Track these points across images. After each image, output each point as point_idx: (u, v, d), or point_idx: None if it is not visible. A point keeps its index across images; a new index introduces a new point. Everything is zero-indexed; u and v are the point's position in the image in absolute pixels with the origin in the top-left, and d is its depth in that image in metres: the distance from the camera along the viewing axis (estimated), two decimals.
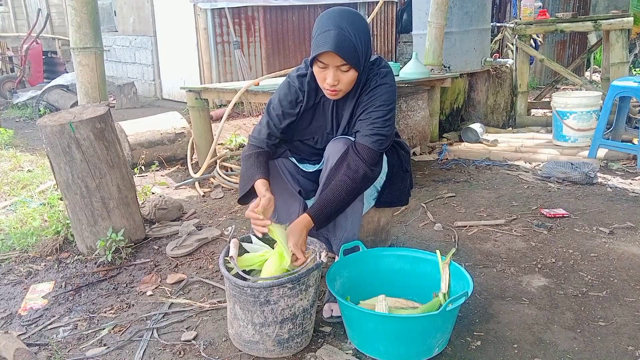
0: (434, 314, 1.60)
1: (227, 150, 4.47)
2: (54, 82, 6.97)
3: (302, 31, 7.26)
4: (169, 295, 2.18)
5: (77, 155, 2.39)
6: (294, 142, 2.02)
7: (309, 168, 2.06)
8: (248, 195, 1.93)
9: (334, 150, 1.88)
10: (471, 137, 4.48)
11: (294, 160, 2.05)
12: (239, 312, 1.70)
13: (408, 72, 4.04)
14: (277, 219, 1.96)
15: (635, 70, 7.66)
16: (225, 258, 1.77)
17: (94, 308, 2.13)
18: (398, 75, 4.01)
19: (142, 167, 3.89)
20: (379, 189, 2.09)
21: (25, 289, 2.31)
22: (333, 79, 1.74)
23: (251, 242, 1.91)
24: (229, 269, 1.73)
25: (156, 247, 2.65)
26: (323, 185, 1.90)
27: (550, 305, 2.00)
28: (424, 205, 3.10)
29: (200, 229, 2.83)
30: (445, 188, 3.41)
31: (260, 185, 1.85)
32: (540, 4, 5.25)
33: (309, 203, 2.15)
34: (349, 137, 1.90)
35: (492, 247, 2.53)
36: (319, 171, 2.06)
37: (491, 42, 5.50)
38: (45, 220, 2.94)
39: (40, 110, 6.55)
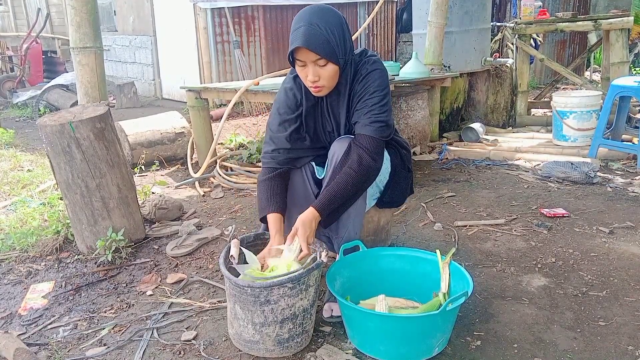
0: (434, 314, 1.60)
1: (227, 149, 4.46)
2: (53, 82, 6.97)
3: None
4: (169, 295, 2.18)
5: (77, 155, 2.39)
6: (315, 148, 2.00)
7: (321, 173, 2.05)
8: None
9: (339, 149, 1.87)
10: (471, 136, 4.48)
11: (312, 163, 2.04)
12: (239, 312, 1.70)
13: (408, 71, 4.04)
14: (292, 217, 1.96)
15: (635, 69, 7.66)
16: (232, 256, 1.77)
17: (94, 308, 2.13)
18: (398, 74, 4.01)
19: (142, 167, 3.89)
20: (382, 188, 2.08)
21: (25, 288, 2.31)
22: (313, 75, 1.75)
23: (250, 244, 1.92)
24: (229, 269, 1.73)
25: (156, 247, 2.65)
26: (329, 180, 1.90)
27: (550, 305, 2.00)
28: (424, 204, 3.10)
29: (200, 229, 2.83)
30: (445, 188, 3.41)
31: (272, 222, 1.84)
32: (540, 3, 5.25)
33: None
34: (353, 136, 1.89)
35: (492, 246, 2.53)
36: None
37: (491, 41, 5.50)
38: (45, 220, 2.94)
39: (40, 110, 6.55)
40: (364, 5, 7.84)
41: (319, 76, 1.75)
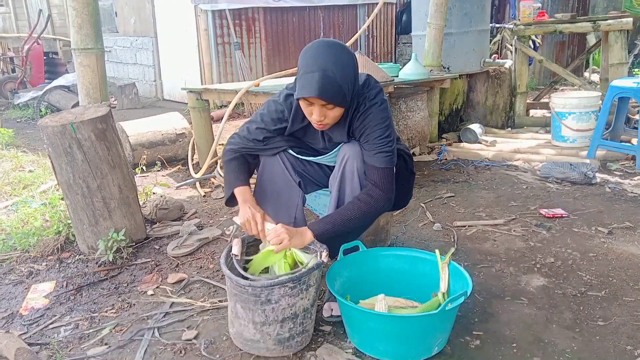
0: (433, 314, 1.61)
1: None
2: (55, 83, 6.98)
3: (302, 32, 7.28)
4: (170, 294, 2.19)
5: (78, 155, 2.40)
6: (291, 139, 2.02)
7: (308, 158, 2.06)
8: (234, 199, 1.95)
9: (352, 153, 1.86)
10: (470, 137, 4.49)
11: (292, 152, 2.04)
12: (240, 311, 1.71)
13: (407, 73, 4.05)
14: (276, 209, 1.99)
15: (634, 70, 7.67)
16: (234, 254, 1.79)
17: (95, 307, 2.14)
18: (397, 76, 4.03)
19: (143, 168, 3.90)
20: None
21: (26, 288, 2.32)
22: (319, 115, 1.73)
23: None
24: (230, 267, 1.74)
25: (157, 247, 2.66)
26: (338, 192, 1.91)
27: (549, 304, 2.01)
28: (423, 205, 3.11)
29: (201, 229, 2.84)
30: (445, 188, 3.42)
31: (240, 193, 1.88)
32: (539, 4, 5.26)
33: (310, 197, 2.16)
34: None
35: (491, 246, 2.54)
36: (318, 164, 2.07)
37: (490, 43, 5.51)
38: (47, 220, 2.95)
39: (41, 111, 6.56)
40: (363, 6, 7.85)
41: (325, 116, 1.74)
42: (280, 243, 1.74)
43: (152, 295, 2.21)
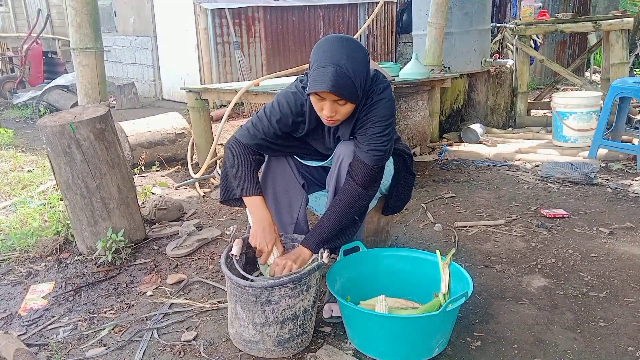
0: (434, 314, 1.61)
1: None
2: (54, 83, 6.97)
3: (302, 32, 7.27)
4: (169, 295, 2.18)
5: (77, 155, 2.39)
6: (298, 143, 2.01)
7: (311, 163, 2.06)
8: (238, 200, 1.93)
9: (347, 152, 1.85)
10: (471, 137, 4.48)
11: (297, 159, 2.04)
12: (240, 312, 1.70)
13: (408, 72, 4.04)
14: (279, 209, 1.99)
15: (635, 70, 7.66)
16: (233, 254, 1.78)
17: (94, 308, 2.13)
18: (398, 75, 4.02)
19: (143, 168, 3.90)
20: (384, 192, 2.09)
21: (25, 289, 2.31)
22: (330, 111, 1.71)
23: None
24: (230, 268, 1.73)
25: (156, 248, 2.65)
26: (334, 191, 1.91)
27: (550, 305, 2.00)
28: (424, 205, 3.10)
29: (201, 229, 2.83)
30: (445, 188, 3.41)
31: (255, 206, 1.85)
32: (540, 4, 5.25)
33: (311, 198, 2.15)
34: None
35: (492, 247, 2.53)
36: (322, 167, 2.07)
37: (491, 42, 5.50)
38: (46, 221, 2.94)
39: (40, 111, 6.55)
40: (364, 6, 7.84)
41: (336, 112, 1.72)
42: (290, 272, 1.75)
43: (151, 296, 2.20)
